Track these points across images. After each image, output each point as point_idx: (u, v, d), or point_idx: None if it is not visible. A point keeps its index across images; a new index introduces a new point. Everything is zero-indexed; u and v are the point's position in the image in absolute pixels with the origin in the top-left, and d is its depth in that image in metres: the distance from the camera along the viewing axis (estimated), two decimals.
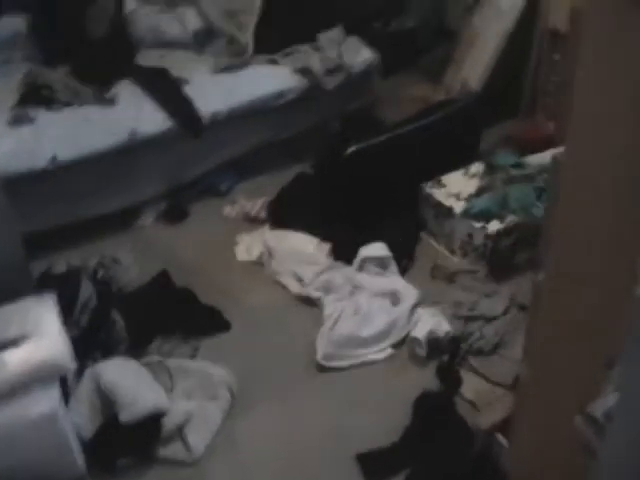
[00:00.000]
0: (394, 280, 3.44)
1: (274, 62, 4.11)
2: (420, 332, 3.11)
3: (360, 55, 4.29)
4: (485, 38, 4.41)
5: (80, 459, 2.67)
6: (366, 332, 3.16)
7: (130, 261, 3.66)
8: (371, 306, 3.27)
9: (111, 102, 3.78)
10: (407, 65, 5.17)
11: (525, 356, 2.09)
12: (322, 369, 3.09)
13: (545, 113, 4.38)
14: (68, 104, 3.75)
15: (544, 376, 1.99)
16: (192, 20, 4.28)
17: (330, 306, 3.30)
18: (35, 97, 3.77)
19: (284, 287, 3.50)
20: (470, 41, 4.53)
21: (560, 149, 3.38)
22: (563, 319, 1.82)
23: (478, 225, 3.45)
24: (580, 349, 1.79)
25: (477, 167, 3.79)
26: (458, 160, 3.84)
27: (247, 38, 4.12)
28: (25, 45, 4.35)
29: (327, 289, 3.39)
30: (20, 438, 2.48)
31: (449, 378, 3.01)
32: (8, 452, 2.49)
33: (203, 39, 4.28)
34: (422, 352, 3.09)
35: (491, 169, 3.73)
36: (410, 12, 5.32)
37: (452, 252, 3.64)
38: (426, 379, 3.02)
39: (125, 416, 2.70)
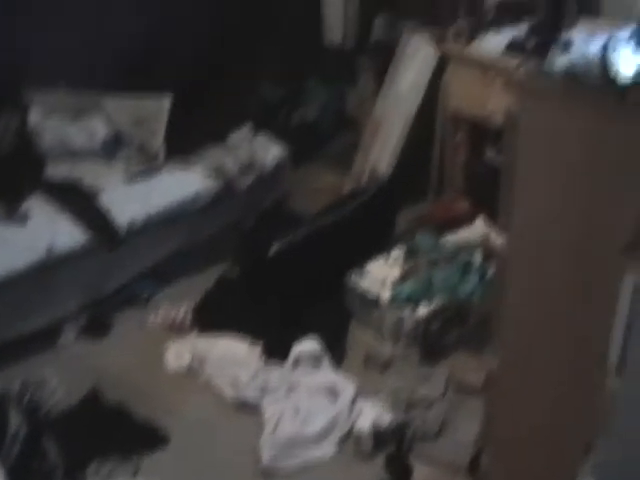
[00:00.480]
0: (330, 375, 3.42)
1: (186, 166, 4.10)
2: (363, 425, 3.08)
3: (270, 152, 4.34)
4: (389, 123, 4.54)
5: None
6: (309, 431, 3.12)
7: (56, 382, 3.51)
8: (311, 404, 3.24)
9: (24, 219, 3.68)
10: (314, 155, 5.25)
11: (484, 442, 2.09)
12: (269, 475, 3.01)
13: (454, 192, 4.50)
14: None
15: (507, 462, 1.99)
16: (100, 129, 4.24)
17: (269, 409, 3.25)
18: None
19: (219, 393, 3.42)
20: (374, 127, 4.64)
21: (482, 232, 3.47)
22: (522, 406, 1.83)
23: (406, 311, 3.49)
24: (545, 434, 1.81)
25: (398, 252, 3.84)
26: (378, 245, 3.90)
27: (158, 143, 4.12)
28: None
29: (264, 391, 3.34)
30: None
31: (399, 469, 2.98)
32: None
33: (112, 147, 4.23)
34: (368, 446, 3.06)
35: (412, 253, 3.79)
36: (309, 103, 5.43)
37: (383, 339, 3.64)
38: (376, 473, 2.98)
39: None
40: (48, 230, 3.65)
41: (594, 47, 1.79)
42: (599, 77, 1.63)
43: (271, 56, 5.15)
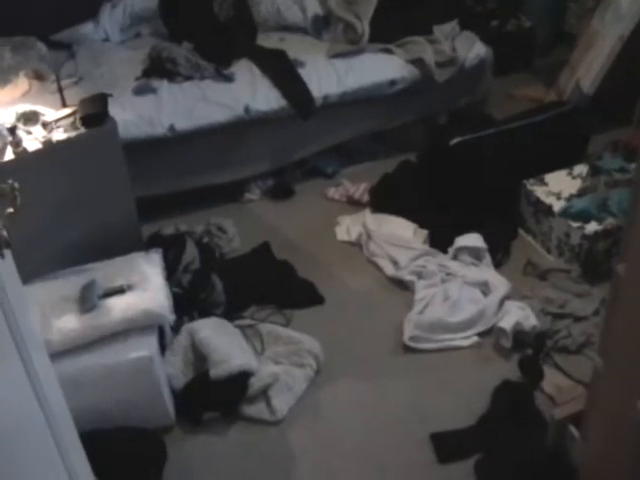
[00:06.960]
0: (487, 272, 3.49)
1: (388, 51, 4.21)
2: (507, 323, 3.14)
3: (474, 50, 4.33)
4: (602, 41, 4.37)
5: (171, 408, 2.85)
6: (454, 319, 3.22)
7: (235, 231, 3.84)
8: (461, 294, 3.33)
9: (229, 79, 3.96)
10: (521, 65, 5.19)
11: (601, 347, 2.13)
12: (407, 350, 3.17)
13: None
14: (189, 78, 3.95)
15: (618, 367, 2.03)
16: (312, 6, 4.42)
17: (422, 291, 3.39)
18: (159, 70, 3.99)
19: (379, 269, 3.60)
20: (587, 44, 4.48)
21: None
22: None
23: (576, 225, 3.46)
24: None
25: (581, 168, 3.79)
26: (563, 161, 3.85)
27: (364, 26, 4.22)
28: (153, 21, 4.60)
29: (420, 274, 3.47)
30: (117, 378, 2.68)
31: (531, 371, 3.03)
32: (106, 392, 2.68)
33: (321, 25, 4.41)
34: (507, 343, 3.13)
35: (595, 171, 3.72)
36: (528, 12, 5.31)
37: (548, 250, 3.65)
38: (508, 370, 3.05)
39: (215, 372, 2.85)
40: (249, 91, 3.90)
41: None
42: None
43: None
